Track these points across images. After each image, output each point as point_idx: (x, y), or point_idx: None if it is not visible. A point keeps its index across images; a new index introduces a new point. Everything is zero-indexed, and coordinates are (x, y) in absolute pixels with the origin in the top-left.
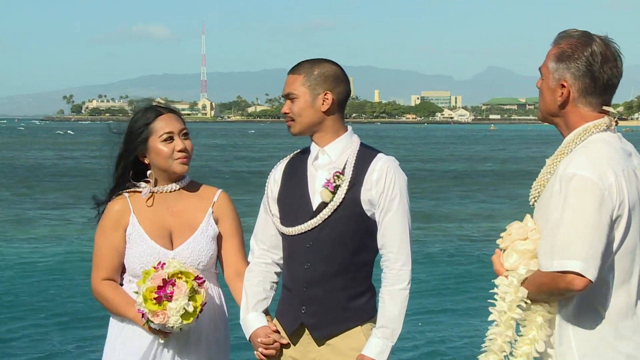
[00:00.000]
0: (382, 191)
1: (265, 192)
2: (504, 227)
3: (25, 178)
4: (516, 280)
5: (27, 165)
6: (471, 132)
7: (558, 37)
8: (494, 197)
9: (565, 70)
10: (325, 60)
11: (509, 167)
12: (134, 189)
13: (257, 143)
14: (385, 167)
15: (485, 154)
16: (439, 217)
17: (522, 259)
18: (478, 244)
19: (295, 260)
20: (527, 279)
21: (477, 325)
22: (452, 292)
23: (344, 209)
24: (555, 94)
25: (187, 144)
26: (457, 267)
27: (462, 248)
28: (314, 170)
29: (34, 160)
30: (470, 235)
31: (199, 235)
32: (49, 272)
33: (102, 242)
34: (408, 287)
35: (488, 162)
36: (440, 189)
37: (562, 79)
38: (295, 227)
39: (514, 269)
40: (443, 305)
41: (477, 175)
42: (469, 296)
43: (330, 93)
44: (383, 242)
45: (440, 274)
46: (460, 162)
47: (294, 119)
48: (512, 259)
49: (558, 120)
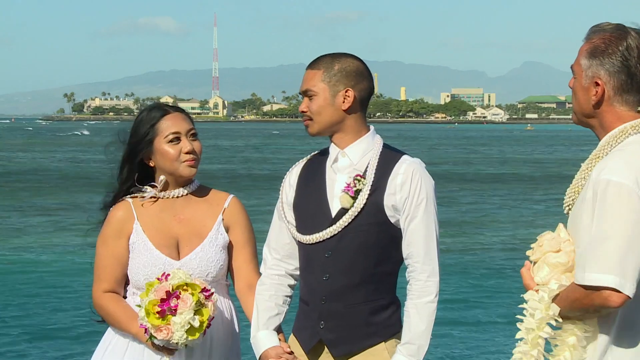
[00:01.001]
0: (407, 196)
1: (280, 197)
2: (535, 237)
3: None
4: (547, 295)
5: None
6: (506, 132)
7: (590, 31)
8: (527, 204)
9: (599, 66)
10: (346, 55)
11: (546, 170)
12: (139, 194)
13: (287, 145)
14: (411, 170)
15: (521, 156)
16: (462, 224)
17: (553, 273)
18: (504, 254)
19: (312, 271)
20: (559, 295)
21: (492, 341)
22: (468, 305)
23: (365, 215)
24: (589, 93)
25: (195, 145)
26: (476, 278)
27: (484, 258)
28: (333, 174)
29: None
30: (496, 244)
31: (208, 245)
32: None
33: (104, 251)
34: (436, 300)
35: (522, 165)
36: (468, 193)
37: (595, 77)
38: (313, 235)
39: (544, 283)
40: (453, 318)
41: (509, 179)
42: (483, 309)
43: (352, 90)
44: (408, 252)
45: (457, 285)
46: (493, 165)
47: (312, 118)
48: (543, 273)
49: (593, 122)
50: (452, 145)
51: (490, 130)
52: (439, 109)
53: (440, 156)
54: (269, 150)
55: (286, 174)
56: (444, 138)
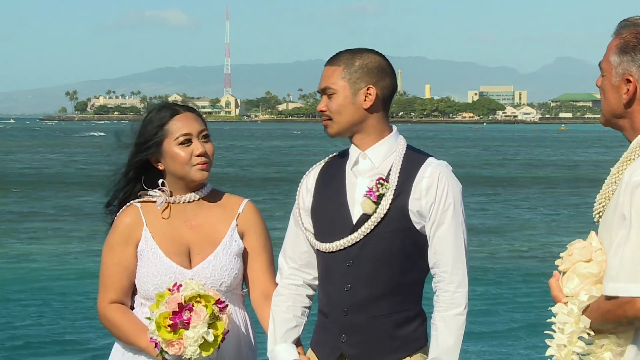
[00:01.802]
0: (433, 201)
1: (296, 202)
2: (565, 245)
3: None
4: (577, 308)
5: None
6: (538, 133)
7: (619, 26)
8: (558, 209)
9: (630, 63)
10: (368, 50)
11: (580, 173)
12: (147, 198)
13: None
14: (437, 173)
15: (553, 158)
16: (487, 231)
17: (584, 284)
18: (531, 262)
19: (332, 281)
20: (589, 307)
21: (516, 355)
22: (485, 313)
23: (389, 221)
24: (619, 92)
25: (207, 148)
26: (500, 288)
27: (510, 267)
28: (353, 177)
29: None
30: (523, 252)
31: (222, 252)
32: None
33: (110, 259)
34: (465, 312)
35: (554, 167)
36: (494, 197)
37: (626, 74)
38: (333, 242)
39: (574, 295)
40: (477, 330)
41: (539, 183)
42: (499, 320)
43: (374, 88)
44: (435, 260)
45: (481, 295)
46: (522, 167)
47: (332, 118)
48: (573, 284)
49: (623, 123)
50: (479, 146)
51: (521, 131)
52: (466, 108)
53: (466, 158)
54: (294, 151)
55: (303, 178)
56: (470, 139)
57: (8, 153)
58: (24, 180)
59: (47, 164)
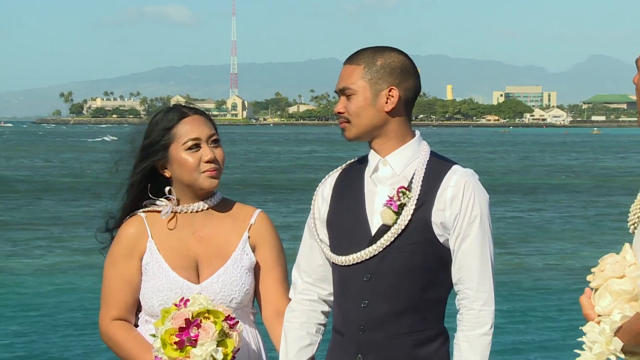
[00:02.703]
0: (458, 212)
1: (311, 212)
2: (598, 259)
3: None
4: (609, 328)
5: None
6: (568, 137)
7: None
8: (589, 220)
9: None
10: (390, 49)
11: (614, 181)
12: (153, 207)
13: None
14: (463, 182)
15: (585, 165)
16: (512, 242)
17: (617, 302)
18: (561, 278)
19: (349, 297)
20: (622, 327)
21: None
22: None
23: (410, 233)
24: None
25: (217, 153)
26: (526, 304)
27: (537, 283)
28: (372, 185)
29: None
30: (552, 267)
31: (232, 266)
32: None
33: (113, 273)
34: (491, 332)
35: (586, 174)
36: (519, 206)
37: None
38: (350, 255)
39: (607, 313)
40: (503, 349)
41: (569, 191)
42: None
43: (396, 89)
44: (459, 276)
45: (505, 312)
46: (551, 174)
47: (350, 120)
48: (605, 302)
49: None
50: (504, 152)
51: (550, 135)
52: (491, 110)
53: (489, 164)
54: (308, 158)
55: (318, 186)
56: (495, 144)
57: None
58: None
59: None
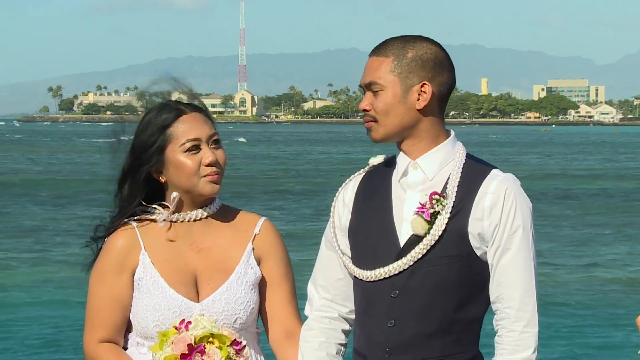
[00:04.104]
0: (497, 222)
1: (331, 220)
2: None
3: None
4: None
5: None
6: (618, 136)
7: None
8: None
9: None
10: (422, 38)
11: None
12: (146, 215)
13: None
14: (503, 188)
15: (637, 168)
16: (556, 255)
17: None
18: (613, 295)
19: (373, 315)
20: None
21: None
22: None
23: (444, 245)
24: None
25: (218, 155)
26: (574, 325)
27: (585, 300)
28: (401, 191)
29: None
30: (603, 283)
31: (236, 282)
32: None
33: (101, 290)
34: (534, 357)
35: (639, 179)
36: (566, 217)
37: None
38: (375, 270)
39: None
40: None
41: (620, 197)
42: None
43: (429, 84)
44: (498, 294)
45: (550, 335)
46: (599, 179)
47: (377, 119)
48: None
49: None
50: (544, 153)
51: (598, 134)
52: (531, 107)
53: (529, 168)
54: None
55: (339, 191)
56: (535, 144)
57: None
58: None
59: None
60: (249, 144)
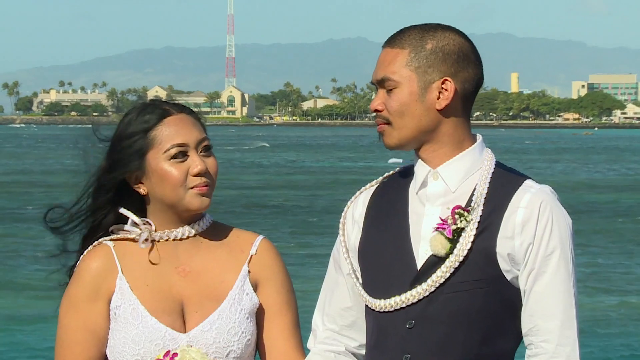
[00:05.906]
0: (531, 242)
1: (339, 238)
2: None
3: None
4: None
5: None
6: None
7: None
8: None
9: None
10: (443, 28)
11: None
12: (123, 234)
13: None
14: (537, 202)
15: None
16: (594, 279)
17: None
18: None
19: (385, 350)
20: None
21: None
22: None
23: (468, 267)
24: None
25: (208, 164)
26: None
27: (625, 329)
28: (419, 205)
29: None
30: None
31: (228, 309)
32: None
33: (72, 321)
34: None
35: None
36: (609, 234)
37: None
38: (390, 298)
39: None
40: None
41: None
42: None
43: (452, 81)
44: (532, 325)
45: None
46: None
47: (391, 121)
48: None
49: None
50: (585, 160)
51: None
52: (569, 106)
53: (568, 178)
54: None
55: (347, 205)
56: (575, 150)
57: None
58: None
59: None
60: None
